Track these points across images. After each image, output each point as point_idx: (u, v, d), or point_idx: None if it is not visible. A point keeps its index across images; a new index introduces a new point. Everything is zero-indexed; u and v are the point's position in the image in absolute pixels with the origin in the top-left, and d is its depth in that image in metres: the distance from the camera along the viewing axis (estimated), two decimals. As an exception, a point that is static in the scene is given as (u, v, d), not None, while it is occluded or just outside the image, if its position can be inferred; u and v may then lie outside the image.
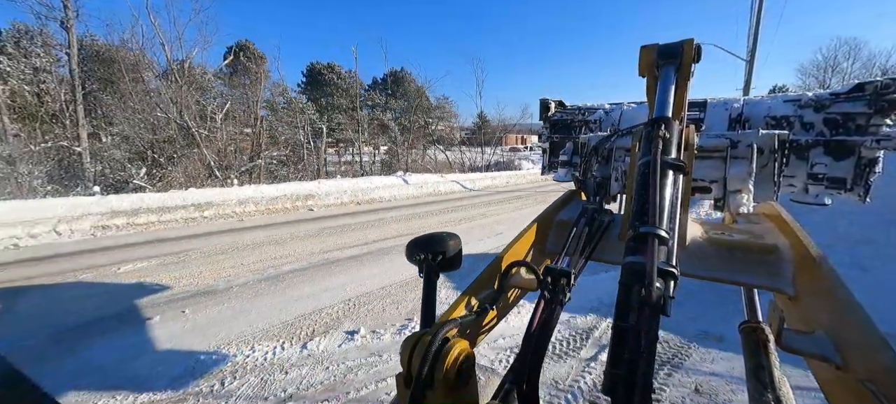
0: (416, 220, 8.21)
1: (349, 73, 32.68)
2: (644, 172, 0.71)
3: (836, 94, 1.57)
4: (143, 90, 15.69)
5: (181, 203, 8.34)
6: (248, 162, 14.31)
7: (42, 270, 4.73)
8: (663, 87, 0.89)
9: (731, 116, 1.74)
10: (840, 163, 1.48)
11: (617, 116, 2.05)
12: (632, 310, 0.55)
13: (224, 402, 2.35)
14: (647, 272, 0.56)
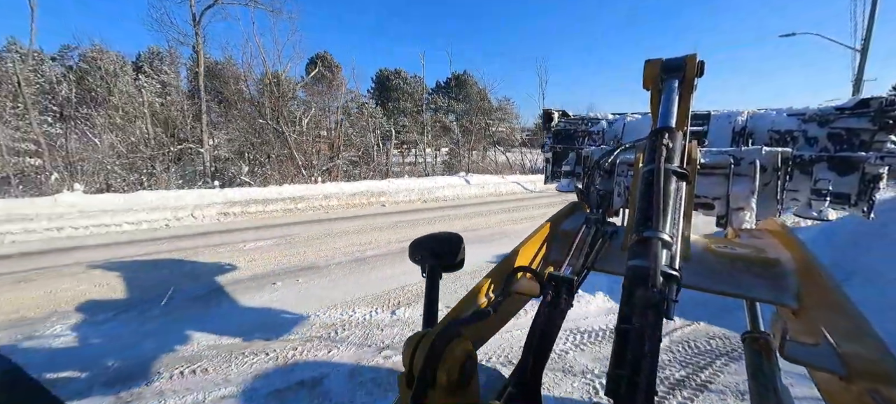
0: (478, 218, 8.72)
1: (415, 78, 34.29)
2: (648, 180, 0.73)
3: (840, 108, 1.56)
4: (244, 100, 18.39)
5: (279, 196, 9.82)
6: (328, 162, 16.00)
7: (190, 244, 6.11)
8: (667, 99, 0.91)
9: (734, 129, 1.75)
10: (844, 178, 1.47)
11: (620, 128, 2.10)
12: (635, 313, 0.55)
13: (340, 345, 3.07)
14: (651, 275, 0.57)
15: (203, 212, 8.43)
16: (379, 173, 18.39)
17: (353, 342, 3.13)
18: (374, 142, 21.03)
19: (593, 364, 2.83)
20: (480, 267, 4.54)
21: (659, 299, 0.54)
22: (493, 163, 27.11)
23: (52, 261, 5.18)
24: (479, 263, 4.70)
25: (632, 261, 0.61)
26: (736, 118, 1.75)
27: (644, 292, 0.55)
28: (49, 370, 2.70)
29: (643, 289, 0.56)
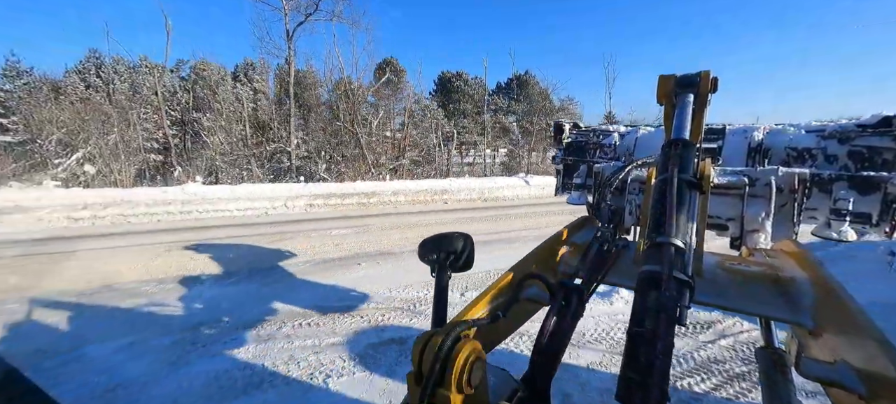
0: (537, 217, 8.90)
1: (476, 80, 34.77)
2: (661, 189, 0.72)
3: (862, 125, 1.55)
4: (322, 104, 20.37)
5: (354, 191, 10.91)
6: (394, 161, 17.12)
7: (288, 229, 7.21)
8: (681, 112, 0.91)
9: (750, 145, 1.71)
10: (865, 197, 1.41)
11: (631, 142, 2.04)
12: (647, 317, 0.54)
13: (418, 317, 3.62)
14: (664, 279, 0.57)
15: (293, 203, 9.73)
16: (440, 173, 19.17)
17: (429, 315, 3.65)
18: (435, 142, 21.92)
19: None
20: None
21: (671, 303, 0.54)
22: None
23: (191, 237, 6.52)
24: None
25: (644, 266, 0.61)
26: (752, 134, 1.72)
27: (657, 295, 0.55)
28: (202, 318, 3.61)
29: (656, 292, 0.56)
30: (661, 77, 1.00)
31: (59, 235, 6.62)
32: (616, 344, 3.14)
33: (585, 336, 3.26)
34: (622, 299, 3.94)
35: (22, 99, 17.09)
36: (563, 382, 2.64)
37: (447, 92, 36.32)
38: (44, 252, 5.55)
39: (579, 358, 2.96)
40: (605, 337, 3.27)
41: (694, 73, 0.96)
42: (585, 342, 3.18)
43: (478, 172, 21.99)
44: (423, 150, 21.52)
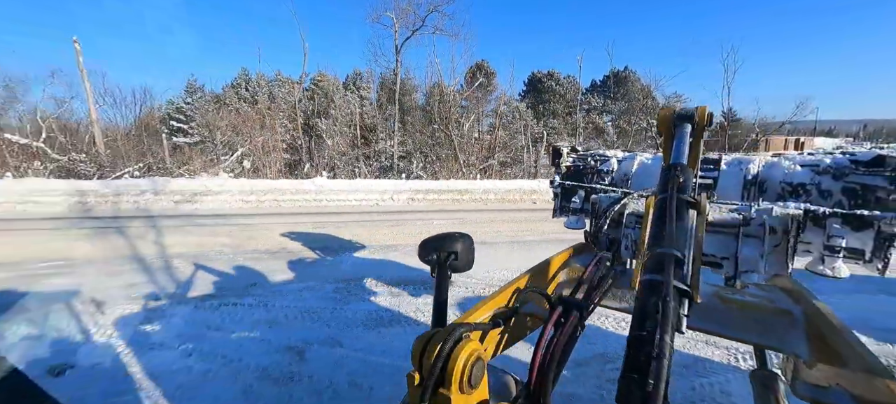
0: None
1: (568, 79, 33.67)
2: (662, 207, 0.76)
3: (855, 161, 1.56)
4: (419, 108, 22.21)
5: (448, 189, 11.97)
6: (484, 161, 17.92)
7: (397, 217, 8.47)
8: (679, 141, 0.97)
9: (746, 178, 1.72)
10: (858, 233, 1.43)
11: (629, 168, 2.05)
12: (648, 321, 0.56)
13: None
14: (664, 286, 0.58)
15: (398, 196, 11.16)
16: (528, 174, 19.36)
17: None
18: (523, 143, 22.12)
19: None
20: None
21: (671, 310, 0.55)
22: (654, 167, 24.36)
23: (327, 219, 8.18)
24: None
25: (645, 275, 0.63)
26: (747, 166, 1.75)
27: (657, 301, 0.57)
28: (351, 275, 4.75)
29: (656, 298, 0.58)
30: (662, 109, 1.14)
31: (238, 212, 8.90)
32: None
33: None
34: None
35: (197, 109, 22.34)
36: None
37: (537, 92, 35.83)
38: (234, 224, 7.63)
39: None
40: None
41: (692, 108, 1.06)
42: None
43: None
44: (511, 152, 21.91)
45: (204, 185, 11.10)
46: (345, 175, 16.41)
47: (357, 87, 28.44)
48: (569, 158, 2.31)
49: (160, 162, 16.13)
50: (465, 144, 17.65)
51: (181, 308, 3.65)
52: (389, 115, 20.54)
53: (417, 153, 19.30)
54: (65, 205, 9.07)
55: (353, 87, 28.48)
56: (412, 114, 21.72)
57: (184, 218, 8.08)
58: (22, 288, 4.08)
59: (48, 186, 10.39)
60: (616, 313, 2.26)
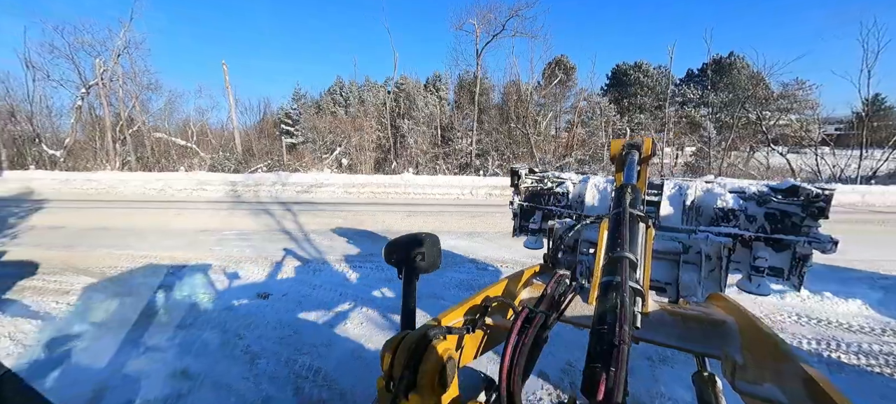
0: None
1: (658, 70, 31.14)
2: (617, 219, 0.86)
3: (775, 190, 1.78)
4: (495, 106, 22.82)
5: (524, 185, 12.49)
6: (560, 159, 17.90)
7: (477, 210, 9.34)
8: (630, 165, 1.15)
9: (685, 203, 1.91)
10: (779, 254, 1.65)
11: (583, 190, 2.17)
12: (608, 316, 0.61)
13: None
14: (621, 285, 0.65)
15: (476, 191, 12.05)
16: (609, 171, 18.74)
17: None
18: (604, 141, 21.34)
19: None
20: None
21: (628, 306, 0.62)
22: (762, 166, 21.53)
23: (417, 209, 9.40)
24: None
25: (604, 278, 0.71)
26: (686, 192, 1.95)
27: (615, 298, 0.63)
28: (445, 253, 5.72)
29: (614, 295, 0.64)
30: (614, 139, 1.32)
31: (345, 201, 10.64)
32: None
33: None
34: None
35: (301, 113, 25.93)
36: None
37: (622, 85, 33.79)
38: (345, 210, 9.26)
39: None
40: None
41: (640, 140, 1.27)
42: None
43: (654, 173, 20.21)
44: (590, 149, 21.32)
45: (315, 179, 13.31)
46: (426, 171, 17.84)
47: (436, 89, 29.98)
48: (527, 180, 2.38)
49: (279, 159, 19.42)
50: (541, 142, 17.83)
51: (326, 267, 4.96)
52: (467, 115, 21.56)
53: (493, 151, 19.98)
54: (222, 192, 11.79)
55: (433, 89, 30.08)
56: (489, 113, 22.42)
57: (307, 204, 10.01)
58: (218, 249, 5.86)
59: (208, 178, 13.49)
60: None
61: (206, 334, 3.12)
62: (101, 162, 17.21)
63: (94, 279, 4.51)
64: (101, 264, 5.03)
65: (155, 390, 2.41)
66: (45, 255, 5.36)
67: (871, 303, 3.96)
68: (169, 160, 18.95)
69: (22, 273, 4.64)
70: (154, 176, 13.78)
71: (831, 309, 3.89)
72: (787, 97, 26.16)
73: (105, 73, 18.36)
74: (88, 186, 12.51)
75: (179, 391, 2.42)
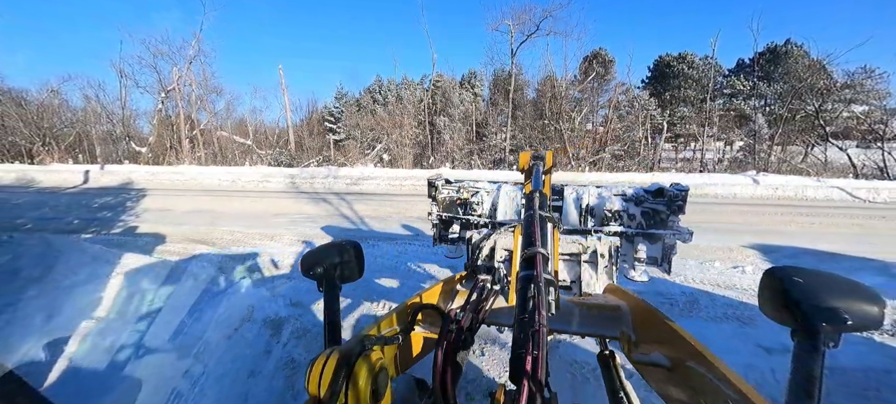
0: (749, 216, 8.56)
1: (704, 61, 29.78)
2: (530, 220, 0.99)
3: (647, 191, 2.14)
4: (530, 102, 23.19)
5: (556, 180, 13.06)
6: (594, 154, 18.12)
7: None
8: (537, 175, 1.37)
9: (581, 206, 2.20)
10: (653, 246, 2.02)
11: (497, 198, 2.33)
12: (527, 307, 0.68)
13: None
14: (537, 279, 0.73)
15: (509, 185, 12.82)
16: (644, 167, 18.66)
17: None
18: (641, 135, 21.11)
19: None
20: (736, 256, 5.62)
21: (544, 296, 0.70)
22: (820, 163, 20.28)
23: (452, 200, 10.36)
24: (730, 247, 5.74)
25: (522, 272, 0.80)
26: (582, 196, 2.27)
27: (532, 290, 0.71)
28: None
29: (532, 287, 0.72)
30: (522, 152, 1.56)
31: (389, 192, 11.83)
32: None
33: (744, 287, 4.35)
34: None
35: (343, 112, 27.65)
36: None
37: (664, 78, 32.61)
38: (391, 200, 10.41)
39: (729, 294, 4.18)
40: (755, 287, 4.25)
41: (543, 152, 1.56)
42: (737, 288, 4.29)
43: (692, 168, 19.79)
44: (626, 144, 21.14)
45: (361, 173, 14.67)
46: (462, 166, 18.76)
47: (471, 86, 30.59)
48: (444, 190, 2.43)
49: (327, 155, 21.18)
50: (575, 138, 18.14)
51: (382, 244, 6.04)
52: (501, 112, 22.18)
53: (527, 147, 20.44)
54: (283, 184, 13.44)
55: (469, 86, 30.70)
56: (523, 109, 22.80)
57: (357, 195, 11.31)
58: (295, 226, 7.15)
59: (271, 171, 15.29)
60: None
61: (304, 284, 4.26)
62: (176, 157, 19.78)
63: (212, 248, 5.89)
64: (213, 237, 6.46)
65: (280, 311, 3.55)
66: (168, 230, 6.90)
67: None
68: (232, 156, 21.30)
69: (156, 242, 6.13)
70: (225, 170, 15.82)
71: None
72: (851, 87, 24.20)
73: (180, 80, 20.97)
74: (175, 178, 14.67)
75: (292, 314, 3.54)
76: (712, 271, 4.79)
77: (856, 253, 5.79)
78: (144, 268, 4.35)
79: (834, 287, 0.67)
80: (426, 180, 2.53)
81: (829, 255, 5.68)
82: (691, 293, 4.07)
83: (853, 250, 5.91)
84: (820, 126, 22.06)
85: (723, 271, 4.85)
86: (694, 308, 3.74)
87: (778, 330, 0.74)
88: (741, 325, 3.36)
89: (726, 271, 4.85)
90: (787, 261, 5.45)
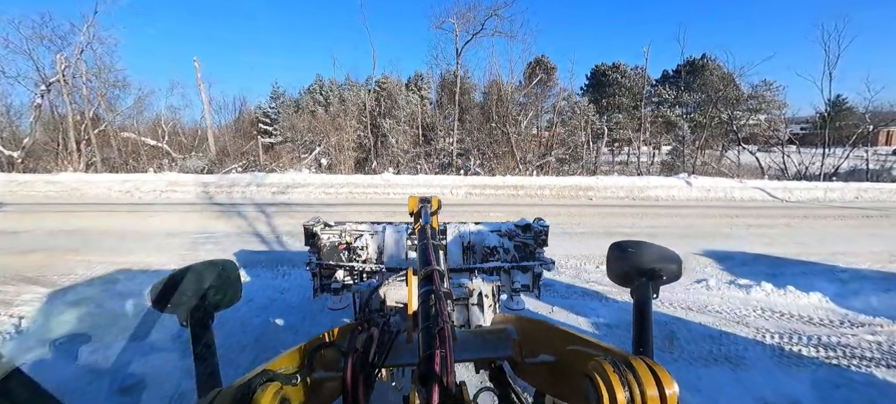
0: (691, 218, 8.60)
1: (635, 70, 31.89)
2: (424, 246, 1.13)
3: (517, 226, 2.37)
4: (476, 106, 22.87)
5: (504, 184, 12.54)
6: (541, 158, 18.09)
7: (459, 209, 9.32)
8: (425, 214, 1.59)
9: (463, 243, 2.35)
10: (525, 275, 2.27)
11: (382, 241, 2.32)
12: (430, 318, 0.75)
13: (583, 280, 4.81)
14: (436, 290, 0.85)
15: (456, 191, 12.03)
16: (587, 170, 19.08)
17: (593, 280, 4.82)
18: (584, 140, 21.71)
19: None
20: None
21: (443, 300, 0.80)
22: (734, 165, 22.37)
23: (397, 209, 9.30)
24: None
25: (422, 288, 0.90)
26: (464, 233, 2.41)
27: (433, 298, 0.82)
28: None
29: (432, 296, 0.82)
30: (411, 197, 1.79)
31: (322, 202, 10.44)
32: (740, 318, 3.65)
33: (716, 308, 3.86)
34: (763, 291, 4.20)
35: (280, 113, 25.35)
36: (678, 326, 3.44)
37: (600, 86, 34.47)
38: (321, 211, 9.06)
39: (704, 320, 3.64)
40: (729, 310, 3.78)
41: (429, 196, 1.79)
42: (711, 311, 3.79)
43: (630, 171, 20.70)
44: (570, 148, 21.64)
45: (292, 179, 13.01)
46: (407, 171, 17.71)
47: (418, 88, 29.81)
48: (323, 235, 2.32)
49: (255, 159, 18.90)
50: (522, 141, 17.98)
51: (296, 271, 4.83)
52: (448, 114, 21.54)
53: (475, 150, 20.02)
54: (193, 194, 11.38)
55: (415, 88, 29.89)
56: (470, 113, 22.43)
57: (282, 206, 9.76)
58: (192, 250, 5.62)
59: (182, 179, 12.99)
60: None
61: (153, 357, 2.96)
62: (63, 163, 16.33)
63: (45, 289, 4.25)
64: (60, 270, 4.75)
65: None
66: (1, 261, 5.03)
67: (830, 296, 4.14)
68: (138, 161, 18.17)
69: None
70: (121, 177, 13.16)
71: (794, 302, 4.04)
72: (755, 97, 27.30)
73: (67, 70, 17.44)
74: (49, 189, 11.83)
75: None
76: (678, 288, 4.30)
77: (796, 255, 5.83)
78: None
79: (653, 254, 0.97)
80: (302, 226, 2.32)
81: (779, 261, 5.59)
82: (665, 323, 3.48)
83: (792, 253, 5.96)
84: (732, 131, 24.49)
85: (688, 287, 4.40)
86: (673, 345, 3.12)
87: (773, 374, 1.33)
88: (733, 368, 2.77)
89: (691, 287, 4.40)
90: (741, 268, 5.22)
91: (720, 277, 4.76)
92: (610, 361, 0.63)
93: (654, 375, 0.60)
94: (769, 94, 28.99)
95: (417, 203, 1.73)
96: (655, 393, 0.58)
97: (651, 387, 0.58)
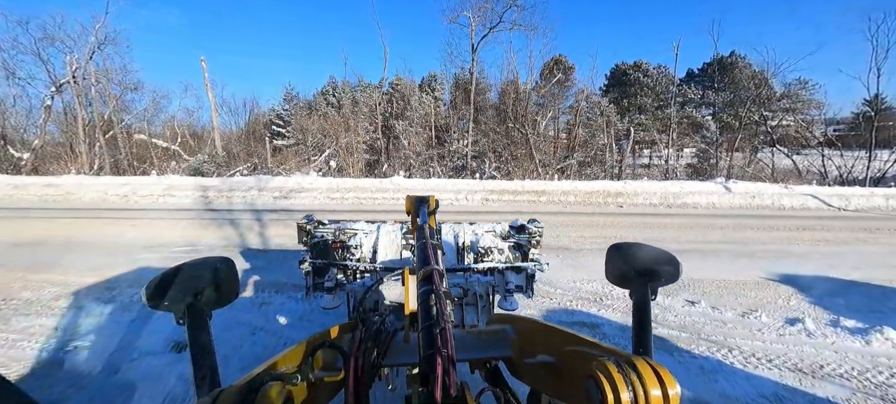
0: (746, 230, 7.42)
1: (658, 69, 30.40)
2: (423, 245, 1.12)
3: (513, 228, 2.36)
4: (492, 106, 21.88)
5: (524, 189, 11.52)
6: (562, 161, 16.97)
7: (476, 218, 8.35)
8: (423, 214, 1.53)
9: (457, 244, 2.31)
10: (519, 276, 2.23)
11: (376, 240, 2.28)
12: (431, 317, 0.72)
13: (607, 309, 3.81)
14: (436, 290, 0.81)
15: (472, 196, 11.07)
16: (610, 174, 17.86)
17: (616, 307, 3.81)
18: (606, 142, 20.48)
19: None
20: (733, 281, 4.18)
21: (443, 299, 0.77)
22: (768, 167, 20.82)
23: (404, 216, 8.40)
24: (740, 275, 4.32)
25: (421, 288, 0.88)
26: (459, 234, 2.37)
27: (433, 297, 0.79)
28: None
29: (432, 295, 0.79)
30: (408, 196, 1.71)
31: (325, 208, 9.62)
32: (880, 388, 2.58)
33: (836, 370, 2.79)
34: (887, 339, 3.11)
35: (293, 115, 24.87)
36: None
37: (621, 86, 33.01)
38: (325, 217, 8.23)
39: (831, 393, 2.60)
40: (857, 375, 2.71)
41: (426, 195, 1.69)
42: (833, 375, 2.73)
43: (655, 174, 19.37)
44: (591, 150, 20.44)
45: (298, 183, 12.28)
46: (419, 174, 16.86)
47: (432, 89, 29.06)
48: (317, 232, 2.33)
49: (263, 162, 18.36)
50: (541, 143, 16.90)
51: (279, 296, 3.97)
52: (463, 115, 20.62)
53: (490, 153, 19.03)
54: (190, 199, 10.74)
55: (428, 89, 29.15)
56: (485, 113, 21.49)
57: (282, 212, 8.99)
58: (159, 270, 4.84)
59: (181, 182, 12.42)
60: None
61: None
62: (68, 166, 16.07)
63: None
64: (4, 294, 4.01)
65: None
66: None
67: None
68: (150, 164, 17.85)
69: None
70: (120, 180, 12.66)
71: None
72: (789, 97, 25.45)
73: (78, 71, 17.23)
74: (45, 192, 11.39)
75: None
76: (767, 334, 3.25)
77: (890, 281, 4.71)
78: None
79: (651, 256, 0.96)
80: (296, 224, 2.31)
81: (878, 290, 4.45)
82: (774, 394, 2.45)
83: (883, 278, 4.87)
84: (766, 132, 22.84)
85: (781, 331, 3.34)
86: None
87: None
88: None
89: (785, 332, 3.33)
90: (835, 300, 4.12)
91: (817, 316, 3.68)
92: (613, 361, 0.62)
93: (656, 375, 0.59)
94: (805, 93, 27.05)
95: (414, 202, 1.68)
96: (658, 393, 0.57)
97: (654, 387, 0.57)
